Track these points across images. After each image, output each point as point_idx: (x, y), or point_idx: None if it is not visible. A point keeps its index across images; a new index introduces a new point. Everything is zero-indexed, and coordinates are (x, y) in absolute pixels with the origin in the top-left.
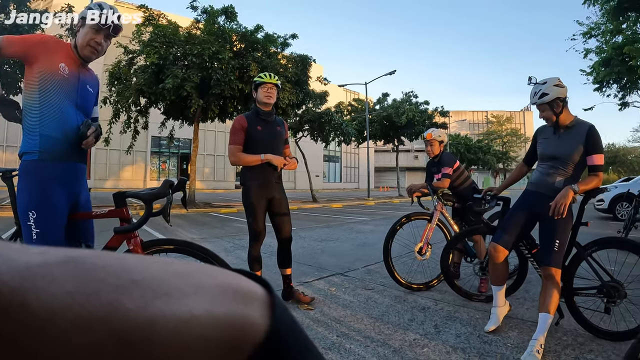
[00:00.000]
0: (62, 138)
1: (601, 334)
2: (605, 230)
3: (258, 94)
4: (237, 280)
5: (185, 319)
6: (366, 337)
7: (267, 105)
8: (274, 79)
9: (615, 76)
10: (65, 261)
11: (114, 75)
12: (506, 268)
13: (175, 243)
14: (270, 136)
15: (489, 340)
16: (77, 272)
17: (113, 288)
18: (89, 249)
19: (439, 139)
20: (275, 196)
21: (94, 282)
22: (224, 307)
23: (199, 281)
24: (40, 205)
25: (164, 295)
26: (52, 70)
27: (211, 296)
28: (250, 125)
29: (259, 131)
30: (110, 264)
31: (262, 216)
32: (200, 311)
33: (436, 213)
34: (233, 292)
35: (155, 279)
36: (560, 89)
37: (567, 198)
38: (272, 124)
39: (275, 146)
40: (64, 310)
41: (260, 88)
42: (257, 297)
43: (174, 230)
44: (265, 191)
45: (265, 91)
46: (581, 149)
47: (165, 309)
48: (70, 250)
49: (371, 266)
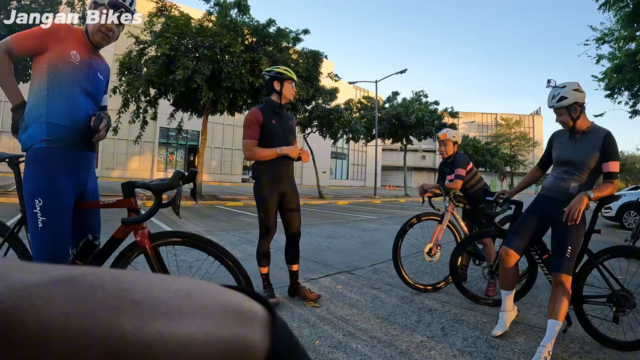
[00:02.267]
0: (69, 126)
1: (608, 343)
2: (613, 238)
3: (284, 89)
4: (238, 300)
5: (184, 341)
6: (373, 337)
7: (289, 100)
8: (294, 75)
9: (627, 83)
10: (63, 280)
11: (125, 65)
12: (516, 273)
13: (183, 236)
14: (285, 130)
15: (496, 345)
16: (75, 292)
17: (111, 309)
18: (95, 240)
19: (453, 140)
20: (287, 191)
21: (92, 302)
22: (223, 329)
23: (200, 301)
24: (46, 192)
25: (162, 315)
26: (63, 58)
27: (211, 317)
28: (266, 119)
29: (274, 125)
30: (109, 283)
31: (274, 211)
32: (200, 333)
33: (447, 214)
34: (233, 313)
35: (155, 299)
36: (579, 94)
37: (582, 204)
38: (285, 118)
39: (289, 140)
40: (60, 331)
41: (288, 83)
42: (258, 318)
43: (179, 223)
44: (277, 186)
45: (293, 87)
46: (597, 155)
47: (163, 331)
48: (70, 269)
49: (378, 265)
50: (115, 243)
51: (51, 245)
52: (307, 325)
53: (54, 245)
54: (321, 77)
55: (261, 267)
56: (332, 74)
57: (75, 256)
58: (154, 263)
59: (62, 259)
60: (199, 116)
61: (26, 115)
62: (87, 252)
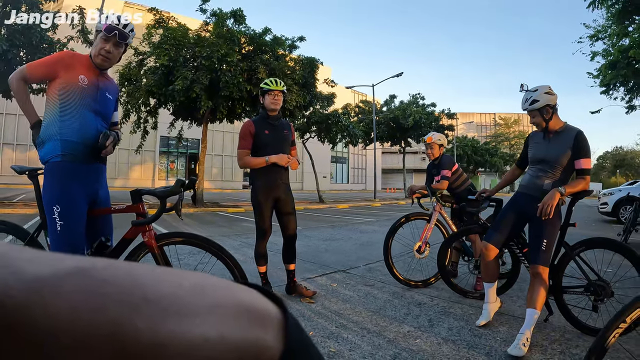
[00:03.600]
0: (80, 142)
1: (588, 330)
2: (607, 233)
3: (265, 100)
4: (252, 299)
5: (197, 342)
6: (363, 328)
7: (274, 111)
8: (280, 85)
9: (622, 79)
10: (74, 272)
11: (124, 76)
12: (497, 266)
13: (183, 235)
14: (277, 139)
15: (479, 334)
16: (86, 285)
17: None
18: (107, 242)
19: (439, 143)
20: (282, 196)
21: (102, 297)
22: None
23: (214, 299)
24: (62, 200)
25: (175, 314)
26: (72, 82)
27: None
28: (258, 130)
29: (267, 135)
30: (121, 278)
31: (269, 215)
32: (214, 334)
33: (434, 214)
34: (247, 313)
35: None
36: (550, 97)
37: (554, 200)
38: (279, 128)
39: (282, 149)
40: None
41: (267, 95)
42: (272, 319)
43: (182, 229)
44: (271, 191)
45: (272, 98)
46: (569, 153)
47: (177, 330)
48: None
49: (372, 264)
50: (126, 243)
51: (68, 247)
52: (302, 318)
53: (71, 247)
54: (318, 83)
55: (259, 266)
56: (329, 79)
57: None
58: (160, 261)
59: None
60: (198, 125)
61: (42, 133)
62: (100, 252)
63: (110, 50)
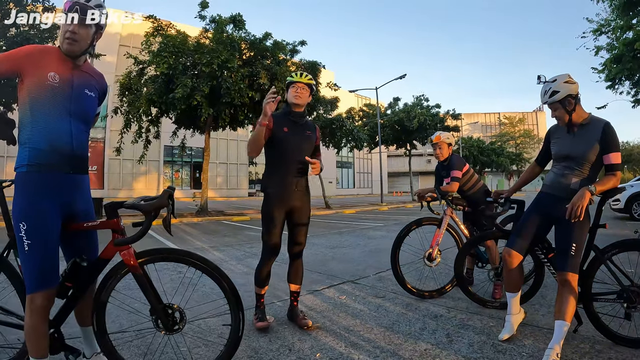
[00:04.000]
0: (48, 149)
1: (621, 340)
2: (622, 231)
3: (288, 94)
4: None
5: None
6: (376, 347)
7: (297, 106)
8: (305, 78)
9: (627, 73)
10: None
11: (125, 85)
12: (521, 274)
13: (164, 252)
14: (298, 139)
15: (503, 350)
16: None
17: None
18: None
19: (447, 141)
20: (296, 205)
21: None
22: None
23: None
24: (29, 216)
25: None
26: (41, 82)
27: None
28: (276, 125)
29: (285, 132)
30: None
31: (279, 229)
32: None
33: (445, 218)
34: None
35: None
36: (571, 86)
37: (584, 200)
38: (302, 127)
39: (302, 150)
40: None
41: (291, 87)
42: None
43: (186, 239)
44: (285, 201)
45: (294, 91)
46: (597, 147)
47: None
48: None
49: (383, 273)
50: (103, 263)
51: (39, 267)
52: (308, 338)
53: (42, 267)
54: (320, 87)
55: (257, 286)
56: (332, 83)
57: (65, 277)
58: (141, 280)
59: (51, 279)
60: (201, 133)
61: (19, 139)
62: (75, 273)
63: (75, 31)
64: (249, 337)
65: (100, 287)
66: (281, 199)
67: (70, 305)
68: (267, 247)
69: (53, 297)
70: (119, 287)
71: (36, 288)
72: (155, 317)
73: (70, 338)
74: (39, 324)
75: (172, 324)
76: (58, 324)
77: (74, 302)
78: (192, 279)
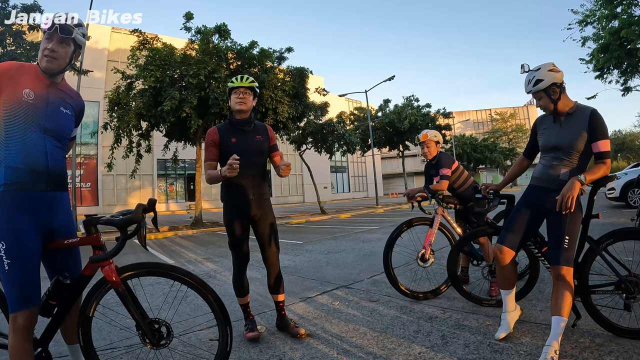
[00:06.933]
0: (24, 168)
1: (621, 332)
2: (619, 219)
3: (231, 101)
4: None
5: None
6: (368, 353)
7: (241, 113)
8: (246, 81)
9: (615, 61)
10: None
11: (114, 100)
12: (514, 271)
13: (147, 266)
14: (247, 147)
15: (500, 349)
16: None
17: None
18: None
19: (435, 139)
20: (256, 213)
21: None
22: None
23: None
24: (7, 236)
25: None
26: (16, 98)
27: None
28: (223, 138)
29: (234, 143)
30: None
31: (242, 236)
32: None
33: (437, 217)
34: None
35: None
36: (555, 74)
37: (574, 190)
38: (250, 134)
39: (253, 159)
40: None
41: (233, 94)
42: None
43: (180, 252)
44: (242, 210)
45: (237, 97)
46: (585, 135)
47: None
48: None
49: (377, 276)
50: (86, 280)
51: (19, 286)
52: (300, 346)
53: (22, 286)
54: (309, 92)
55: (238, 297)
56: (320, 88)
57: (48, 296)
58: (123, 295)
59: (33, 298)
60: (192, 144)
61: None
62: (58, 291)
63: (54, 49)
64: (240, 348)
65: (84, 302)
66: (238, 209)
67: (56, 324)
68: (234, 256)
69: (35, 316)
70: (110, 303)
71: (18, 307)
72: (142, 332)
73: (59, 357)
74: (23, 343)
75: (158, 339)
76: (45, 343)
77: (60, 320)
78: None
